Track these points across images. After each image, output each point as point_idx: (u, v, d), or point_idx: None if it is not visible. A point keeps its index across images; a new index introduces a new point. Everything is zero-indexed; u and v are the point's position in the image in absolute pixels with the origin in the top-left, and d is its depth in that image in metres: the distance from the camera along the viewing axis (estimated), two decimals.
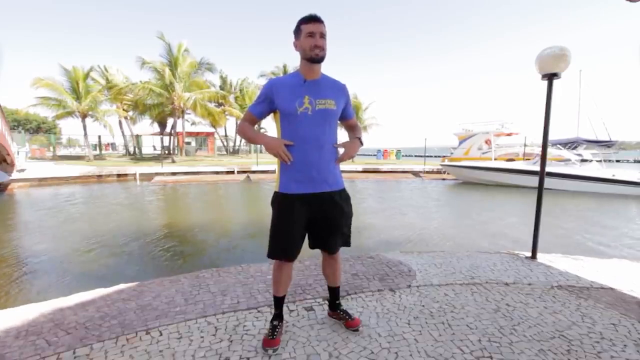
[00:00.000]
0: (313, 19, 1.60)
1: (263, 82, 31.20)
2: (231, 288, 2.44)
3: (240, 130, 1.78)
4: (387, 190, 13.60)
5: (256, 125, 1.86)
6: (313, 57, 1.61)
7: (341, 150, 1.77)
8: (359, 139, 1.84)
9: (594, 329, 1.95)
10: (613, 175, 12.71)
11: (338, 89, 1.74)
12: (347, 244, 1.83)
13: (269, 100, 1.67)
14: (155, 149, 31.79)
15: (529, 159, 17.03)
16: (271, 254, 1.71)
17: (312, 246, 1.81)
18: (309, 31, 1.59)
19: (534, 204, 3.31)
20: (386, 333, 1.85)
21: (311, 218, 1.70)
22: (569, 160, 14.05)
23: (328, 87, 1.71)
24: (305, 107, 1.61)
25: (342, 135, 1.86)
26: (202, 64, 23.96)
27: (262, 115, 1.73)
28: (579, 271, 2.91)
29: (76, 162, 21.68)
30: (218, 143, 34.70)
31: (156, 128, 30.11)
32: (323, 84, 1.70)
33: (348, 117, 1.85)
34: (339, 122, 1.81)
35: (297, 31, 1.64)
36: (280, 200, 1.69)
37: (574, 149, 14.62)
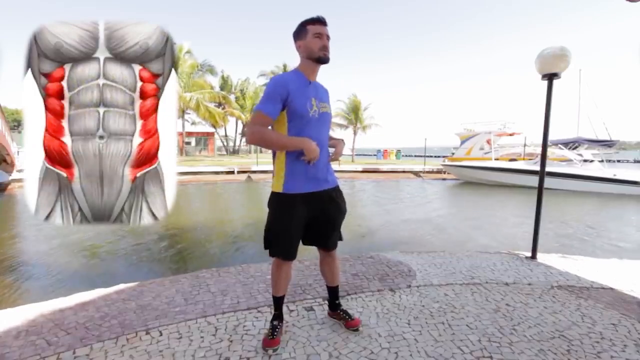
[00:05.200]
0: (320, 21, 1.59)
1: (263, 81, 31.04)
2: (231, 288, 2.44)
3: (259, 137, 1.56)
4: (387, 190, 13.59)
5: None
6: (322, 57, 1.60)
7: (333, 151, 1.84)
8: (342, 139, 1.92)
9: (594, 329, 1.94)
10: (614, 175, 12.70)
11: (328, 93, 1.81)
12: (340, 238, 1.89)
13: (284, 99, 1.55)
14: None
15: (531, 159, 17.02)
16: (273, 253, 1.72)
17: (310, 243, 1.82)
18: (317, 32, 1.58)
19: (534, 204, 3.31)
20: (386, 333, 1.85)
21: (311, 217, 1.71)
22: (571, 160, 14.04)
23: (323, 90, 1.77)
24: (314, 110, 1.63)
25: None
26: (204, 65, 23.99)
27: (277, 117, 1.58)
28: (579, 271, 2.91)
29: None
30: (218, 143, 34.70)
31: None
32: (321, 88, 1.75)
33: None
34: None
35: (302, 32, 1.61)
36: (283, 201, 1.67)
37: (574, 148, 14.60)
